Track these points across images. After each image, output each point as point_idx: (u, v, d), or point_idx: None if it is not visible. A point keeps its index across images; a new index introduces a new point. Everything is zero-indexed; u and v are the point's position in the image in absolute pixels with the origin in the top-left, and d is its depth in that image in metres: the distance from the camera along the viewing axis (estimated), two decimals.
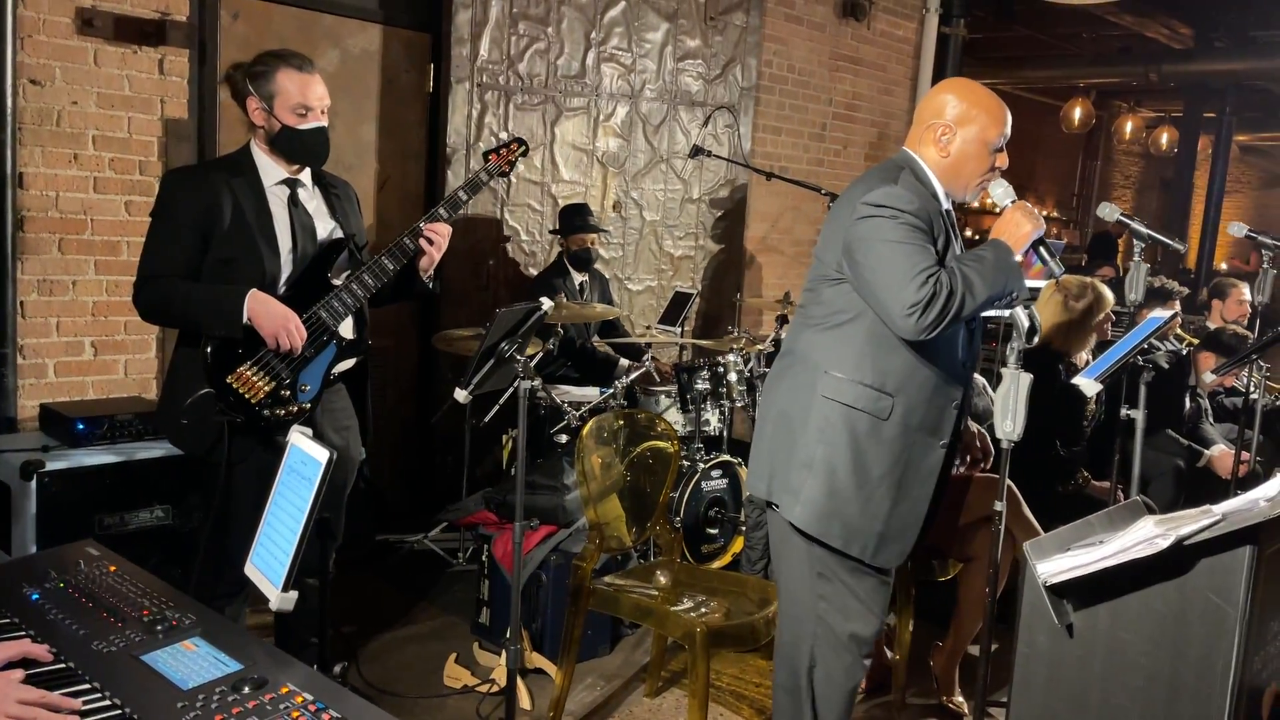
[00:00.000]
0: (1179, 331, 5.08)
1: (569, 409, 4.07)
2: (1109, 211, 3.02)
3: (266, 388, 2.55)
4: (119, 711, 1.50)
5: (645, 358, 4.51)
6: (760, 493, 2.51)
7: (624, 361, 4.70)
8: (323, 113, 2.65)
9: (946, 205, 2.43)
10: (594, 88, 5.08)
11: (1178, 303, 5.05)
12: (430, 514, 4.50)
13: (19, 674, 1.58)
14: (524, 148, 3.02)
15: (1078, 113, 11.58)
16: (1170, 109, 13.46)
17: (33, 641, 1.64)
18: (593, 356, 4.70)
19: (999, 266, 2.29)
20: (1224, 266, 13.65)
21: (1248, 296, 5.42)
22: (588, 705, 3.26)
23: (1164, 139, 12.96)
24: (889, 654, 3.42)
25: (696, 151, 5.04)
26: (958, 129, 2.39)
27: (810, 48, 6.20)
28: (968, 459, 3.01)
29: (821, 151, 6.44)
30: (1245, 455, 4.04)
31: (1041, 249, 2.37)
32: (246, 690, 1.50)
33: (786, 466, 2.42)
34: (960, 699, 3.35)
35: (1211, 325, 5.34)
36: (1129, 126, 12.95)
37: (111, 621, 1.72)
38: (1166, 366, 4.35)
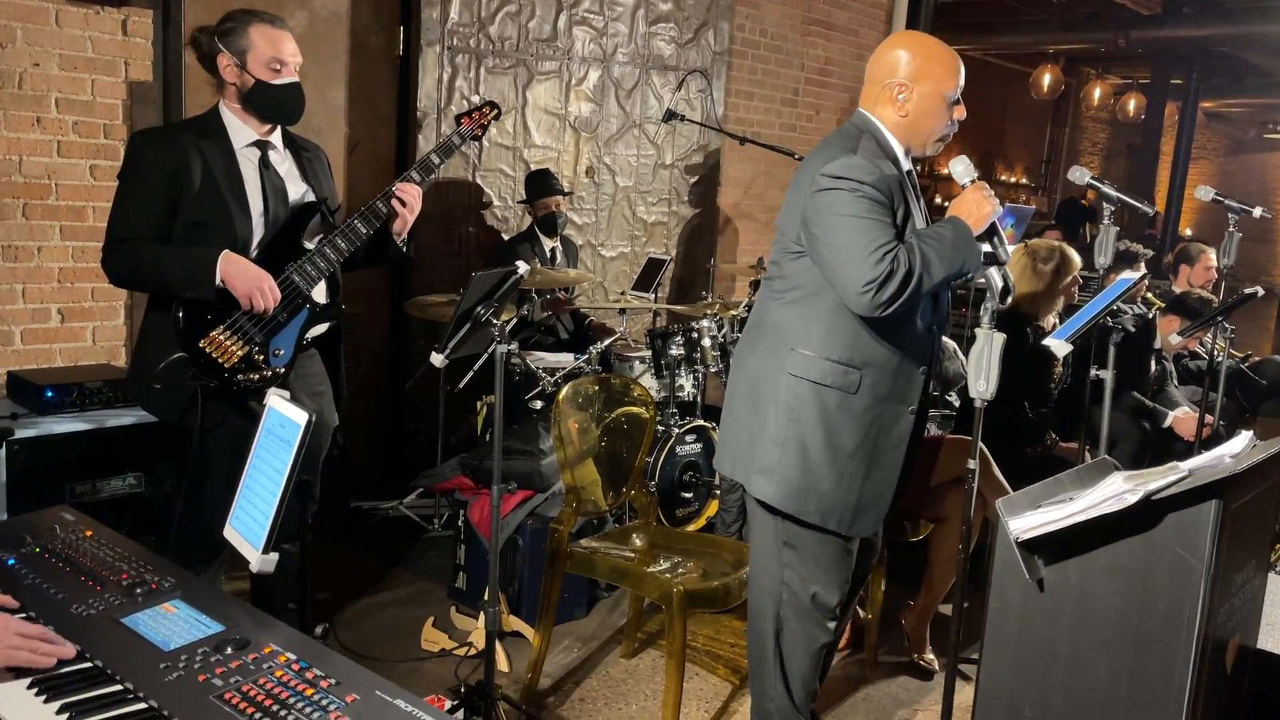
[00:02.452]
0: (1146, 295, 5.15)
1: (543, 374, 4.08)
2: (1080, 175, 3.05)
3: (240, 352, 2.53)
4: (92, 664, 1.50)
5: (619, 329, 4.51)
6: (727, 472, 2.51)
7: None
8: (295, 69, 2.62)
9: (907, 166, 2.41)
10: (566, 51, 5.04)
11: (1143, 265, 5.12)
12: (403, 481, 4.49)
13: (11, 607, 1.59)
14: (496, 111, 3.00)
15: (1047, 79, 11.64)
16: (1138, 75, 13.56)
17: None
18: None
19: (958, 245, 2.26)
20: (1188, 232, 13.82)
21: (1215, 262, 5.49)
22: (565, 667, 3.29)
23: (1131, 105, 13.06)
24: (861, 613, 3.47)
25: (670, 116, 5.01)
26: (914, 85, 2.34)
27: (782, 12, 6.17)
28: None
29: (794, 117, 6.43)
30: (1209, 418, 4.11)
31: (994, 236, 2.33)
32: (229, 651, 1.51)
33: (758, 445, 2.40)
34: (931, 656, 3.41)
35: (1177, 290, 5.41)
36: (1097, 93, 13.05)
37: (90, 585, 1.72)
38: (1133, 330, 4.43)
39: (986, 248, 2.34)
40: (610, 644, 3.47)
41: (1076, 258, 3.81)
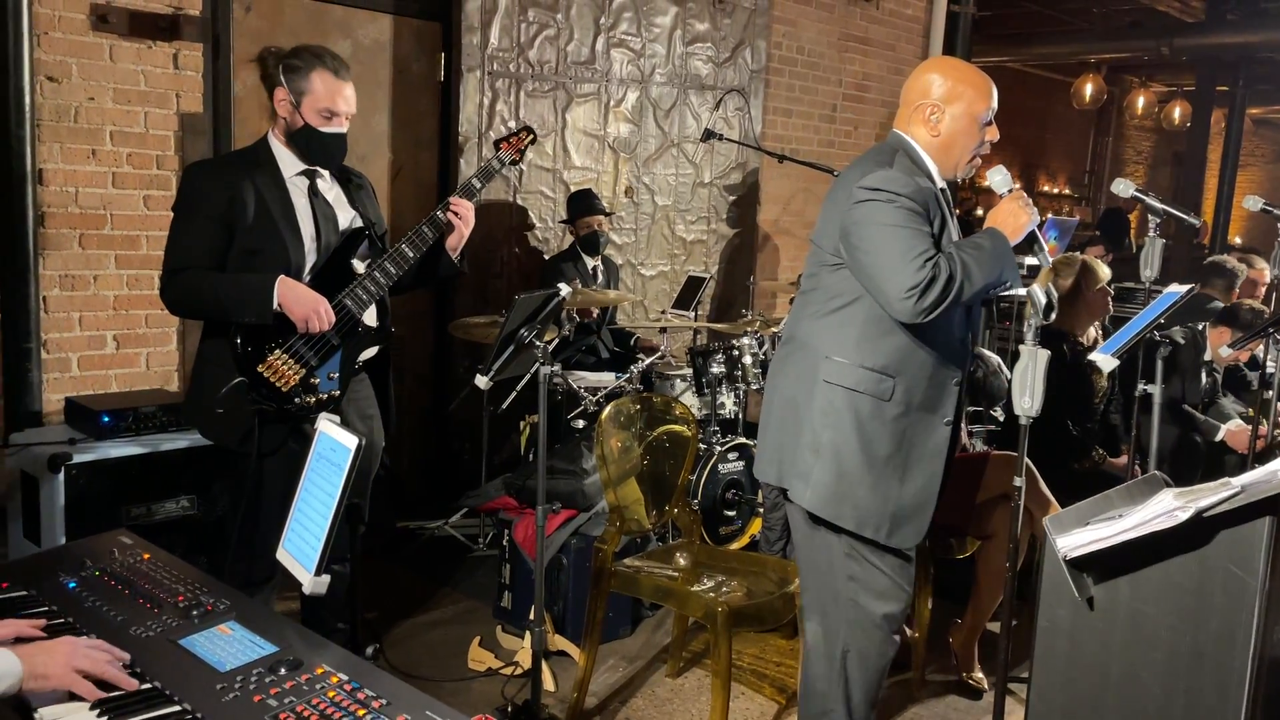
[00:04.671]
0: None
1: (585, 394, 4.10)
2: (1124, 187, 3.02)
3: (296, 376, 2.58)
4: (151, 685, 1.54)
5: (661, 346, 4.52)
6: (770, 479, 2.53)
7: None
8: (347, 119, 2.68)
9: (941, 184, 2.45)
10: (604, 73, 5.09)
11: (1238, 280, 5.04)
12: (449, 501, 4.54)
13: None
14: (532, 136, 3.05)
15: (1089, 89, 11.50)
16: (1183, 83, 13.36)
17: (68, 625, 1.70)
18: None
19: (996, 254, 2.31)
20: (1238, 240, 13.57)
21: (1265, 272, 5.39)
22: (611, 686, 3.30)
23: (1176, 113, 12.86)
24: (908, 632, 3.44)
25: (709, 135, 5.04)
26: (946, 107, 2.40)
27: (819, 29, 6.19)
28: None
29: (832, 133, 6.43)
30: (1262, 430, 4.03)
31: (1034, 245, 2.39)
32: (283, 672, 1.54)
33: (794, 452, 2.44)
34: (980, 675, 3.38)
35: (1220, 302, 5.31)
36: (1141, 101, 12.87)
37: (148, 608, 1.76)
38: (1182, 342, 4.36)
39: (1031, 259, 2.37)
40: (655, 663, 3.47)
41: (1102, 269, 3.76)
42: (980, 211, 11.97)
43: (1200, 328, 4.55)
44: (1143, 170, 15.76)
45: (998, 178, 2.43)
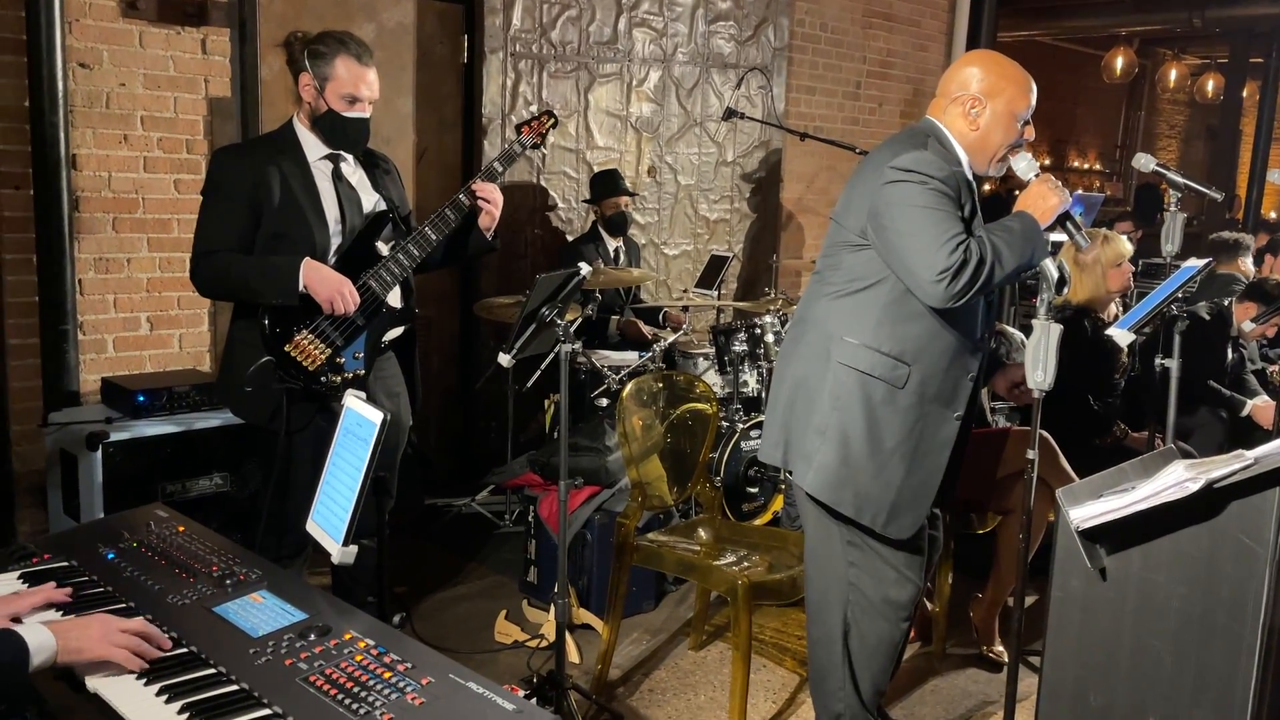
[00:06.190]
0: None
1: (609, 373, 4.15)
2: (1144, 162, 3.02)
3: (322, 356, 2.65)
4: (187, 650, 1.61)
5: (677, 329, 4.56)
6: (774, 460, 2.53)
7: (613, 319, 4.77)
8: (369, 104, 2.73)
9: (969, 175, 2.43)
10: (626, 53, 5.10)
11: (1248, 255, 5.00)
12: (476, 478, 4.61)
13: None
14: (554, 120, 3.08)
15: (1120, 62, 11.33)
16: (1216, 55, 13.14)
17: (107, 594, 1.76)
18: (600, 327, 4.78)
19: (1026, 237, 2.30)
20: (1273, 215, 13.36)
21: None
22: (634, 658, 3.36)
23: (1209, 86, 12.65)
24: (929, 605, 3.47)
25: (730, 114, 5.05)
26: (987, 101, 2.38)
27: (842, 5, 6.16)
28: (1017, 392, 3.02)
29: (856, 110, 6.41)
30: None
31: (1068, 223, 2.38)
32: (312, 637, 1.60)
33: (802, 433, 2.43)
34: (1000, 648, 3.41)
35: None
36: (1173, 74, 12.65)
37: (184, 577, 1.83)
38: (1206, 318, 4.34)
39: (1061, 236, 2.37)
40: (678, 636, 3.52)
41: (1124, 244, 3.73)
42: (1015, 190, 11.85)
43: (1227, 302, 4.52)
44: (1175, 144, 15.54)
45: (1022, 164, 2.43)
